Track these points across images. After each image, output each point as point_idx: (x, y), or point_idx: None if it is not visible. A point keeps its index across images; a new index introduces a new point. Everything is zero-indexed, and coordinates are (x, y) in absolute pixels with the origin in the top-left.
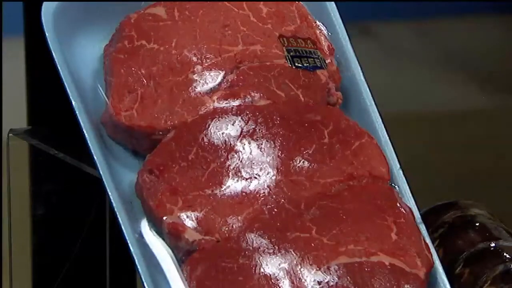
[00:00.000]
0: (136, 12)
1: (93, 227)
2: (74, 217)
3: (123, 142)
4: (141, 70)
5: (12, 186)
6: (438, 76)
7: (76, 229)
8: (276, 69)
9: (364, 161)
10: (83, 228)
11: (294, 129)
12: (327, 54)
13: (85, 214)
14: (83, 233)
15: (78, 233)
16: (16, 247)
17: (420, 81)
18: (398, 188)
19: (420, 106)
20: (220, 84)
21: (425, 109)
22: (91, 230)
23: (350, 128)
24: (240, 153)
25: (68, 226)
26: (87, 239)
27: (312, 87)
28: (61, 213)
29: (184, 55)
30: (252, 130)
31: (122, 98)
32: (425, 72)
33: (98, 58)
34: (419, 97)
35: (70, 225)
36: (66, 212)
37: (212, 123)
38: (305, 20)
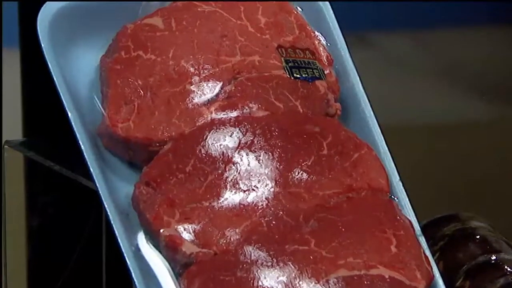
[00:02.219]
0: (133, 23)
1: (89, 239)
2: (70, 230)
3: (119, 153)
4: (138, 81)
5: (8, 199)
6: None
7: (72, 242)
8: (274, 80)
9: (363, 173)
10: (79, 240)
11: (293, 141)
12: (326, 64)
13: (81, 226)
14: (79, 246)
15: (74, 246)
16: (11, 260)
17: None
18: (398, 200)
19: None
20: (217, 95)
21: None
22: (87, 243)
23: (349, 140)
24: (238, 164)
25: (64, 239)
26: (83, 252)
27: (311, 98)
28: (57, 226)
29: (181, 66)
30: (250, 142)
31: (118, 109)
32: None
33: (94, 68)
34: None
35: (66, 237)
36: (62, 224)
37: (209, 134)
38: (304, 31)
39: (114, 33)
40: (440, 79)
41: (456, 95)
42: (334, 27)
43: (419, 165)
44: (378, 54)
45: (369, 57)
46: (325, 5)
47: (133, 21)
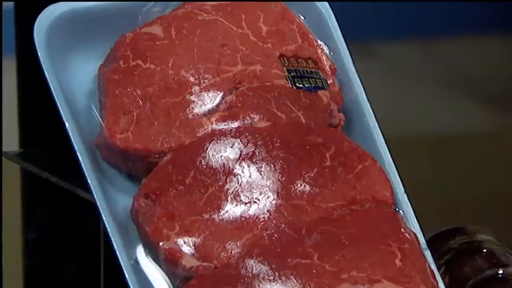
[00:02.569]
0: (132, 31)
1: (87, 253)
2: (67, 243)
3: (118, 165)
4: (136, 91)
5: (3, 211)
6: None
7: (69, 255)
8: (276, 89)
9: (367, 185)
10: (77, 254)
11: (295, 152)
12: (329, 74)
13: (79, 239)
14: (77, 259)
15: (71, 260)
16: (7, 273)
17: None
18: (403, 212)
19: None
20: (218, 105)
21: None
22: (85, 256)
23: (353, 151)
24: (239, 176)
25: (61, 252)
26: (81, 266)
27: (314, 108)
28: (54, 239)
29: (181, 76)
30: (251, 153)
31: (117, 120)
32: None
33: (92, 78)
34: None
35: (63, 251)
36: (59, 238)
37: (210, 145)
38: (306, 39)
39: (113, 42)
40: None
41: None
42: (337, 36)
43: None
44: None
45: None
46: (328, 14)
47: (132, 30)
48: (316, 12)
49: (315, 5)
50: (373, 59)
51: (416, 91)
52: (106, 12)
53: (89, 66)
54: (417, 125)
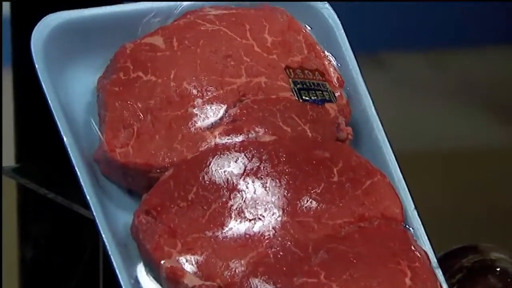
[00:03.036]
0: (132, 42)
1: (85, 271)
2: (65, 262)
3: (118, 180)
4: (137, 103)
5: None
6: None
7: (67, 274)
8: (281, 102)
9: (376, 201)
10: (75, 273)
11: (301, 167)
12: (337, 86)
13: (77, 257)
14: (75, 278)
15: (69, 279)
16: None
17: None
18: (413, 230)
19: (435, 142)
20: (222, 119)
21: (441, 145)
22: (84, 275)
23: (361, 166)
24: (243, 192)
25: (59, 271)
26: (79, 285)
27: (320, 122)
28: (52, 258)
29: (183, 88)
30: (256, 168)
31: (117, 134)
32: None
33: (91, 90)
34: (435, 133)
35: (61, 270)
36: (57, 255)
37: (213, 160)
38: (313, 50)
39: (112, 53)
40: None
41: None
42: (345, 47)
43: (435, 193)
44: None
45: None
46: (336, 24)
47: (132, 40)
48: (323, 22)
49: (322, 15)
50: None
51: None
52: (106, 22)
53: (88, 78)
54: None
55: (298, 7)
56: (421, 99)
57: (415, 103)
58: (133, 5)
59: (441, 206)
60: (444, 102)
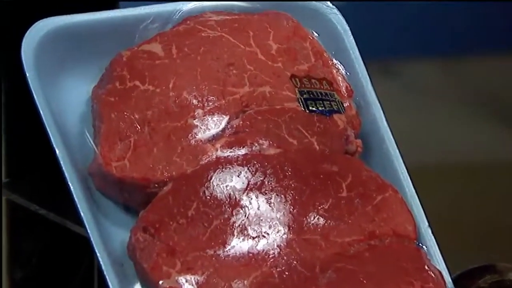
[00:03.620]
0: (129, 49)
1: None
2: (58, 281)
3: (113, 196)
4: (134, 114)
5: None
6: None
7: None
8: (287, 113)
9: (387, 217)
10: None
11: (308, 182)
12: (345, 96)
13: (70, 277)
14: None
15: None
16: None
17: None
18: (426, 248)
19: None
20: (223, 130)
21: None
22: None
23: (372, 181)
24: (247, 208)
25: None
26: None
27: (328, 133)
28: (43, 279)
29: (183, 98)
30: (260, 183)
31: (112, 146)
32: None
33: (85, 101)
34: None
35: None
36: (49, 275)
37: (214, 174)
38: (321, 58)
39: (108, 60)
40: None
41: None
42: (354, 54)
43: (450, 209)
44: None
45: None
46: (345, 30)
47: (129, 47)
48: (331, 29)
49: (330, 21)
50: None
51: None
52: (101, 28)
53: (82, 88)
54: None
55: (304, 12)
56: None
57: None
58: (129, 10)
59: (456, 223)
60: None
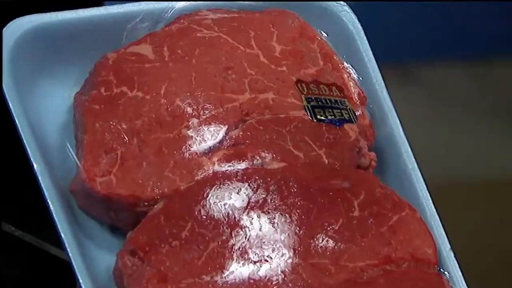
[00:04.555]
0: (115, 51)
1: None
2: None
3: (98, 215)
4: (121, 124)
5: None
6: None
7: None
8: (292, 123)
9: (404, 240)
10: None
11: (316, 199)
12: (358, 103)
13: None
14: None
15: None
16: None
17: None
18: (448, 274)
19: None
20: (221, 142)
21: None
22: None
23: (387, 198)
24: (247, 229)
25: None
26: None
27: (339, 146)
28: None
29: (176, 106)
30: (262, 201)
31: (97, 160)
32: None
33: (67, 108)
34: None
35: None
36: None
37: (211, 191)
38: (330, 61)
39: (92, 64)
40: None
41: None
42: (368, 56)
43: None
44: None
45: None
46: (357, 30)
47: (115, 49)
48: (342, 28)
49: (341, 19)
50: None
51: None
52: (84, 28)
53: (63, 94)
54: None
55: (312, 10)
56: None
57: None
58: (116, 8)
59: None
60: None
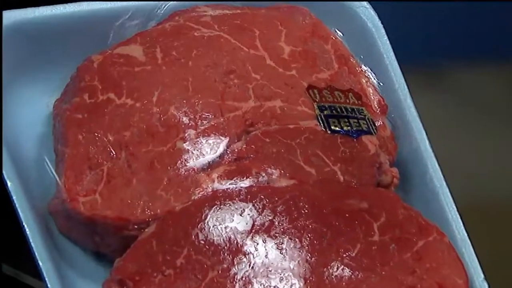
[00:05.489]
0: (101, 53)
1: None
2: None
3: (80, 240)
4: (107, 136)
5: None
6: None
7: None
8: (303, 134)
9: (431, 268)
10: None
11: (330, 222)
12: (378, 112)
13: None
14: None
15: None
16: None
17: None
18: None
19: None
20: (222, 157)
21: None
22: None
23: (411, 221)
24: (252, 256)
25: None
26: None
27: (356, 160)
28: None
29: (170, 115)
30: (268, 223)
31: (80, 177)
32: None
33: (45, 118)
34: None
35: None
36: None
37: (210, 212)
38: (346, 64)
39: (74, 66)
40: None
41: None
42: (389, 59)
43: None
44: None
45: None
46: (377, 29)
47: (101, 50)
48: (360, 27)
49: (358, 17)
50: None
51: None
52: (66, 26)
53: (41, 101)
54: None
55: (326, 6)
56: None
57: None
58: (102, 4)
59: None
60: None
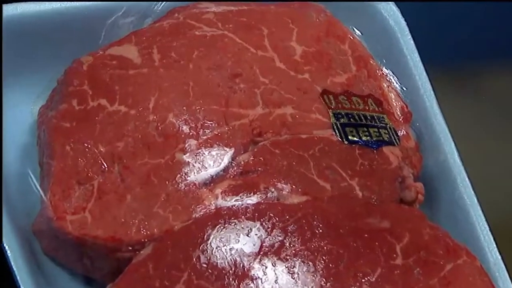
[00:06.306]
0: (92, 53)
1: None
2: None
3: (68, 263)
4: (98, 147)
5: None
6: None
7: None
8: (317, 145)
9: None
10: None
11: (347, 243)
12: (401, 121)
13: None
14: None
15: None
16: None
17: None
18: None
19: None
20: (226, 170)
21: None
22: None
23: (438, 242)
24: (260, 281)
25: None
26: None
27: (376, 174)
28: None
29: (168, 123)
30: (278, 245)
31: (67, 193)
32: None
33: (29, 126)
34: None
35: None
36: None
37: (213, 232)
38: (365, 67)
39: (61, 69)
40: None
41: None
42: (413, 61)
43: None
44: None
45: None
46: (400, 28)
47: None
48: (381, 26)
49: (380, 15)
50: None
51: None
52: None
53: (25, 107)
54: None
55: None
56: None
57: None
58: None
59: None
60: None
